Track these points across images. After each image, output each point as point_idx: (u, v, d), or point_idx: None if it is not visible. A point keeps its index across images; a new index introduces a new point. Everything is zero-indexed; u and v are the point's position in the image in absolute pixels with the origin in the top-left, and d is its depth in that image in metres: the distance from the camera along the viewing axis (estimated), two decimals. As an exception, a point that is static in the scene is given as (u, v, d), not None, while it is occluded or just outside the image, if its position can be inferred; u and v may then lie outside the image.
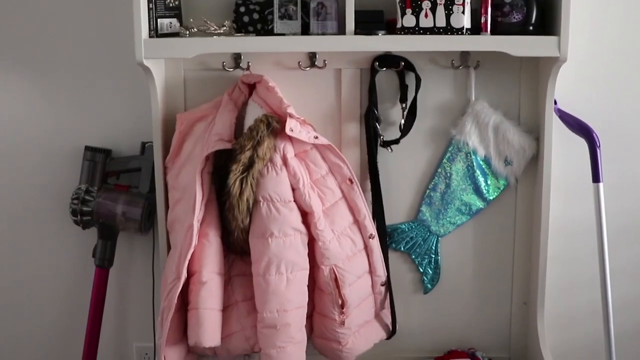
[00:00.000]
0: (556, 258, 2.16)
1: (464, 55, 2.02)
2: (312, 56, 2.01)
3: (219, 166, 1.93)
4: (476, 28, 1.90)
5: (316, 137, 1.92)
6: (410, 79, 2.04)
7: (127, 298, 2.31)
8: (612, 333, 1.96)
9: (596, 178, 1.95)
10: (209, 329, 1.87)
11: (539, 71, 2.03)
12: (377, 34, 1.90)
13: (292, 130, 1.87)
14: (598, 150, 1.94)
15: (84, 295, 2.25)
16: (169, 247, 2.03)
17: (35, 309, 2.34)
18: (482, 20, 1.89)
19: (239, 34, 1.98)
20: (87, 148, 2.18)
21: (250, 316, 1.93)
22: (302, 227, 1.89)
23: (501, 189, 2.09)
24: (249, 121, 1.92)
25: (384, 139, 2.05)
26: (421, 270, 2.13)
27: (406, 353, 2.17)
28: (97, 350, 2.23)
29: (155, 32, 1.93)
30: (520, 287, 2.14)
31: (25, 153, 2.24)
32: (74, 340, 2.32)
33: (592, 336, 2.21)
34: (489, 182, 2.08)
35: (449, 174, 2.08)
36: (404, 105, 2.05)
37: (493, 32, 1.90)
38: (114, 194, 2.18)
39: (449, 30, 1.87)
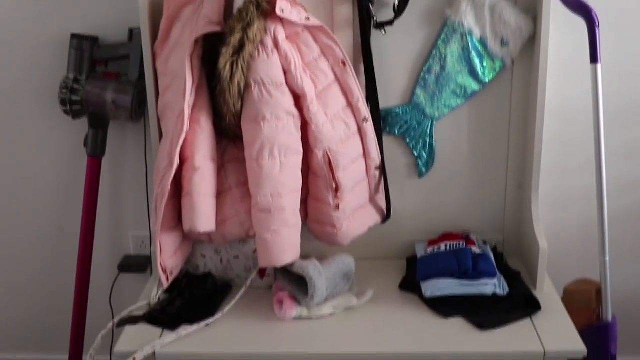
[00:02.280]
0: (552, 140, 2.15)
1: None
2: None
3: (209, 50, 1.88)
4: None
5: (307, 19, 1.87)
6: (404, -43, 1.98)
7: (120, 187, 2.31)
8: (606, 215, 1.96)
9: (594, 58, 1.91)
10: (203, 214, 1.87)
11: (537, -53, 1.97)
12: None
13: (282, 11, 1.82)
14: (597, 30, 1.89)
15: (78, 186, 2.25)
16: (160, 135, 2.01)
17: (29, 202, 2.34)
18: None
19: None
20: (73, 36, 2.12)
21: (245, 201, 1.93)
22: (295, 111, 1.86)
23: (497, 70, 2.06)
24: (238, 3, 1.86)
25: (378, 21, 1.99)
26: (416, 154, 2.12)
27: (401, 236, 2.19)
28: (93, 240, 2.25)
29: None
30: (515, 170, 2.13)
31: (8, 44, 2.19)
32: (69, 231, 2.33)
33: (585, 218, 2.23)
34: (484, 63, 2.04)
35: (443, 56, 2.04)
36: (397, -15, 1.99)
37: None
38: (103, 82, 2.14)
39: None
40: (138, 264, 2.33)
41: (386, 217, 2.12)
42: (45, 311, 2.47)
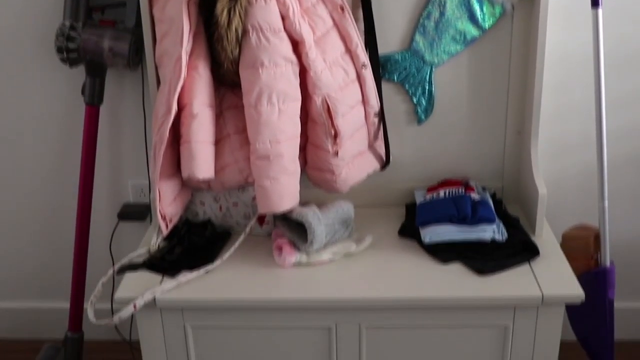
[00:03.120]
0: (551, 87, 2.14)
1: None
2: None
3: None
4: None
5: (305, -37, 1.85)
6: None
7: (119, 136, 2.31)
8: (605, 161, 1.96)
9: (595, 3, 1.89)
10: (201, 161, 1.87)
11: None
12: None
13: (280, -44, 1.79)
14: (597, -27, 1.88)
15: (76, 135, 2.24)
16: (158, 82, 1.99)
17: (27, 152, 2.34)
18: None
19: None
20: (69, -18, 2.10)
21: (243, 148, 1.93)
22: (293, 57, 1.84)
23: (497, 16, 2.03)
24: (235, -53, 1.84)
25: (376, -35, 1.97)
26: (415, 101, 2.11)
27: (400, 184, 2.18)
28: (93, 189, 2.25)
29: None
30: (514, 116, 2.12)
31: None
32: (68, 180, 2.33)
33: (584, 165, 2.23)
34: (484, 9, 2.02)
35: (443, 2, 2.01)
36: None
37: None
38: (100, 29, 2.12)
39: None
40: (137, 212, 2.34)
41: (385, 164, 2.12)
42: (46, 260, 2.48)
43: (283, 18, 1.83)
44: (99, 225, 2.36)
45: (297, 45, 1.85)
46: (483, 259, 1.88)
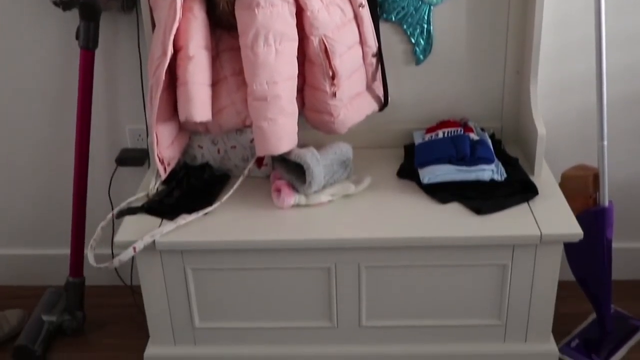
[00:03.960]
0: (551, 26, 2.11)
1: None
2: None
3: None
4: None
5: None
6: None
7: (115, 80, 2.29)
8: (605, 100, 1.95)
9: (596, -62, 1.87)
10: (198, 103, 1.86)
11: None
12: None
13: None
14: None
15: (72, 80, 2.22)
16: (153, 25, 1.96)
17: (23, 98, 2.32)
18: None
19: None
20: None
21: (241, 90, 1.91)
22: (290, -4, 1.82)
23: (496, -46, 2.01)
24: None
25: None
26: (413, 41, 2.08)
27: (398, 125, 2.17)
28: (90, 134, 2.23)
29: None
30: (513, 55, 2.10)
31: None
32: (66, 126, 2.32)
33: (584, 104, 2.21)
34: (483, -53, 1.99)
35: (441, -60, 1.99)
36: None
37: None
38: (93, -29, 2.09)
39: None
40: (135, 157, 2.33)
41: (383, 105, 2.10)
42: (45, 207, 2.48)
43: (278, -44, 1.80)
44: (97, 171, 2.35)
45: (293, -15, 1.83)
46: (482, 198, 1.87)
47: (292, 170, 1.93)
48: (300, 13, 1.85)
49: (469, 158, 1.93)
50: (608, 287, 2.10)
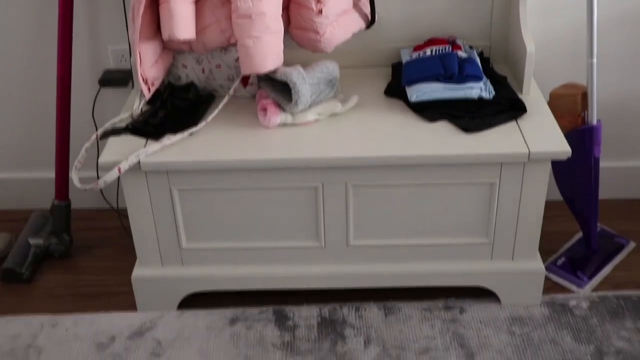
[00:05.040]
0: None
1: None
2: None
3: None
4: None
5: None
6: None
7: (96, 0, 2.23)
8: (595, 17, 1.92)
9: None
10: (182, 20, 1.82)
11: None
12: None
13: None
14: None
15: (51, 1, 2.16)
16: (134, -59, 1.91)
17: (2, 18, 2.26)
18: None
19: None
20: None
21: (225, 7, 1.87)
22: None
23: None
24: None
25: None
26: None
27: (385, 43, 2.14)
28: (72, 55, 2.19)
29: None
30: (503, -28, 2.07)
31: None
32: (47, 47, 2.27)
33: (574, 22, 2.17)
34: None
35: None
36: None
37: None
38: None
39: None
40: (119, 78, 2.28)
41: (370, 22, 2.07)
42: (29, 130, 2.44)
43: None
44: (81, 92, 2.31)
45: None
46: (470, 116, 1.86)
47: (279, 89, 1.90)
48: None
49: (457, 76, 1.90)
50: (595, 205, 2.11)
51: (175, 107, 1.96)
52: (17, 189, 2.55)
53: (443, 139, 1.82)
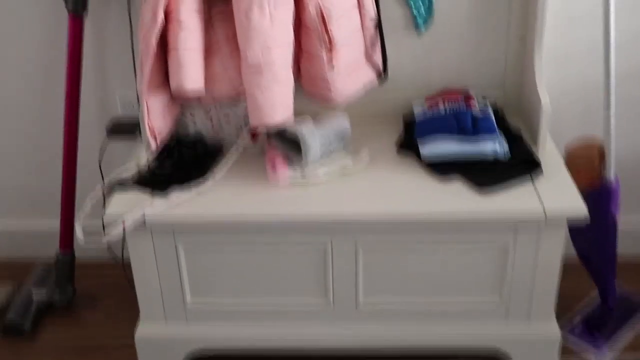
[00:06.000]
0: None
1: None
2: None
3: None
4: None
5: None
6: None
7: (105, 47, 2.21)
8: (612, 70, 1.88)
9: None
10: (190, 70, 1.79)
11: None
12: None
13: None
14: None
15: (60, 45, 2.14)
16: (144, -12, 1.89)
17: (9, 64, 2.25)
18: None
19: None
20: None
21: (234, 57, 1.83)
22: (285, -41, 1.74)
23: None
24: None
25: None
26: (414, 8, 2.00)
27: (397, 93, 2.10)
28: (79, 102, 2.16)
29: None
30: (517, 21, 2.02)
31: None
32: (55, 94, 2.24)
33: (590, 74, 2.13)
34: None
35: None
36: None
37: None
38: None
39: None
40: (127, 126, 2.25)
41: (383, 74, 2.02)
42: (34, 177, 2.41)
43: None
44: (88, 140, 2.27)
45: (288, -54, 1.75)
46: (484, 175, 1.81)
47: (288, 143, 1.86)
48: None
49: (471, 132, 1.86)
50: (613, 263, 2.05)
51: (183, 159, 1.92)
52: (20, 238, 2.51)
53: (456, 198, 1.76)
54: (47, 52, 2.21)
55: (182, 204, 1.79)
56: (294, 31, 1.81)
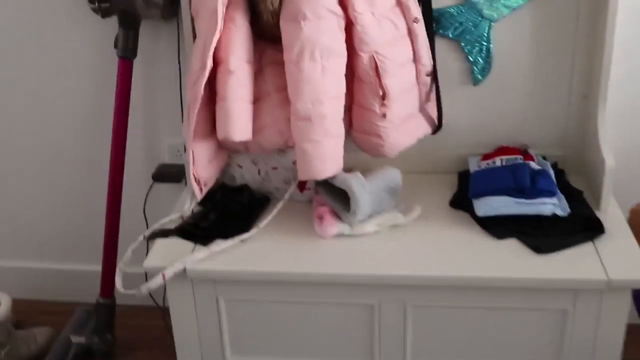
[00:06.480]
0: (621, 46, 1.95)
1: None
2: None
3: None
4: None
5: None
6: None
7: (154, 92, 2.21)
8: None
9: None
10: (238, 121, 1.74)
11: None
12: None
13: None
14: None
15: (109, 90, 2.13)
16: (194, 35, 1.86)
17: (58, 107, 2.26)
18: None
19: None
20: None
21: (284, 108, 1.78)
22: (339, 9, 1.69)
23: (565, -35, 1.86)
24: None
25: None
26: (471, 59, 1.94)
27: (452, 149, 2.03)
28: (126, 148, 2.14)
29: None
30: (580, 78, 1.94)
31: None
32: (101, 138, 2.23)
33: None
34: (550, -43, 1.85)
35: (504, -52, 1.85)
36: None
37: None
38: (133, -23, 2.00)
39: None
40: (173, 173, 2.23)
41: (437, 127, 1.96)
42: (78, 221, 2.41)
43: (327, -34, 1.68)
44: (133, 186, 2.26)
45: (342, -4, 1.71)
46: (542, 235, 1.72)
47: (337, 195, 1.80)
48: (349, 27, 1.73)
49: (529, 190, 1.77)
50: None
51: (228, 210, 1.87)
52: (63, 280, 2.50)
53: (512, 260, 1.68)
54: (95, 97, 2.22)
55: (225, 253, 1.74)
56: (346, 82, 1.76)
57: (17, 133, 2.33)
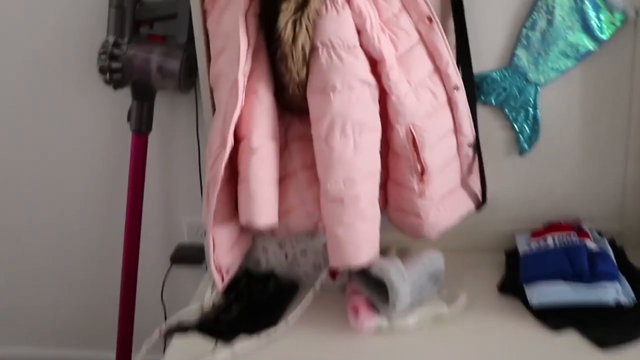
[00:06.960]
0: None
1: None
2: None
3: (268, 7, 1.58)
4: None
5: (385, -35, 1.57)
6: None
7: (171, 168, 2.09)
8: None
9: None
10: (263, 204, 1.59)
11: None
12: None
13: (355, -43, 1.52)
14: None
15: (122, 166, 2.02)
16: (214, 107, 1.74)
17: (68, 187, 2.16)
18: None
19: None
20: (112, -8, 1.88)
21: (312, 188, 1.64)
22: (371, 79, 1.57)
23: (617, 25, 1.72)
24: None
25: (470, -34, 1.68)
26: (516, 127, 1.81)
27: (498, 225, 1.88)
28: (141, 227, 2.02)
29: None
30: (637, 147, 1.81)
31: (40, 3, 1.98)
32: (116, 217, 2.11)
33: None
34: (601, 16, 1.72)
35: (551, 8, 1.72)
36: None
37: None
38: (147, 46, 1.90)
39: None
40: (193, 255, 2.09)
41: (481, 203, 1.81)
42: (91, 306, 2.28)
43: (359, 32, 1.57)
44: (150, 268, 2.12)
45: (375, 65, 1.59)
46: (605, 327, 1.54)
47: (373, 284, 1.62)
48: (383, 98, 1.60)
49: (588, 275, 1.60)
50: None
51: (252, 300, 1.71)
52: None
53: (571, 354, 1.50)
54: (108, 173, 2.12)
55: (250, 354, 1.57)
56: (381, 156, 1.63)
57: (25, 216, 2.23)
